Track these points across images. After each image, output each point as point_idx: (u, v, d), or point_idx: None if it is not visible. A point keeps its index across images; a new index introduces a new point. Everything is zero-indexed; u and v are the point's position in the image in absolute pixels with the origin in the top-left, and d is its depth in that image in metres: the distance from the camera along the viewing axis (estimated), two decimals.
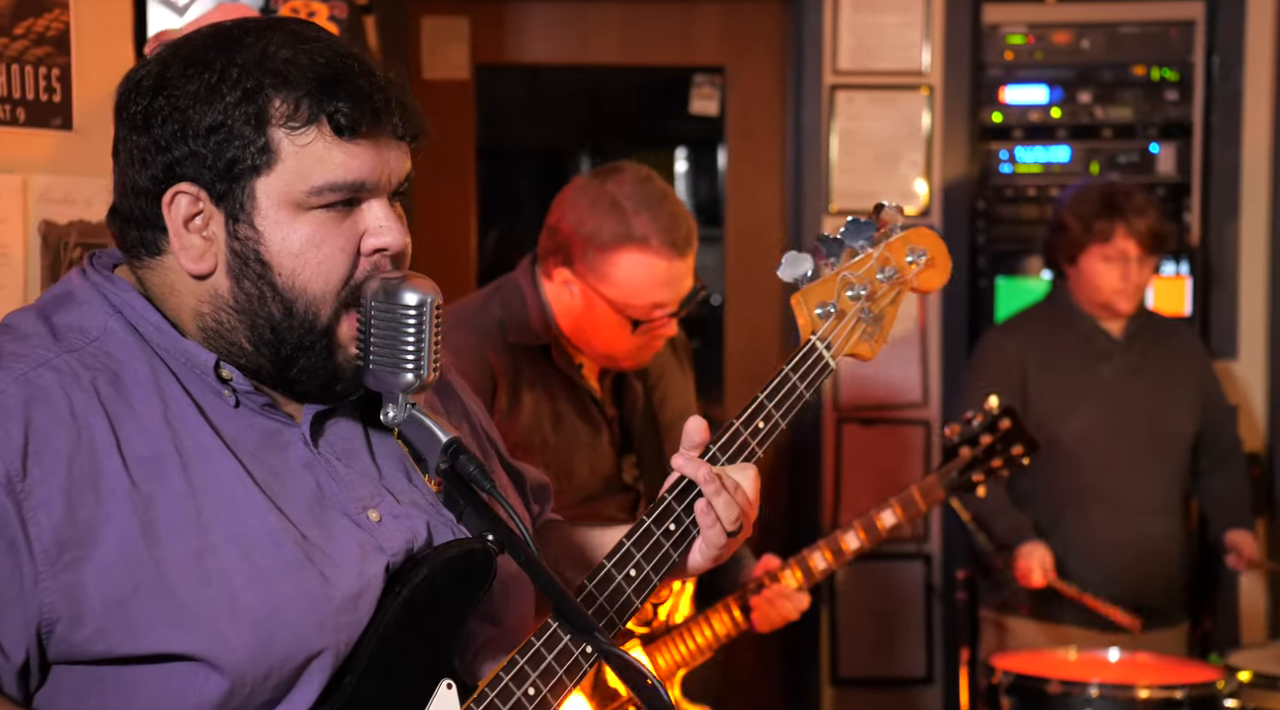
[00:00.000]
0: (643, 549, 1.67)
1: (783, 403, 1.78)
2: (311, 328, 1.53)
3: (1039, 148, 4.65)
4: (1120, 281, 3.79)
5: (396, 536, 1.56)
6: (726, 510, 1.68)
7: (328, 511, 1.54)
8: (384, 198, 1.55)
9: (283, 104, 1.50)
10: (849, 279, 1.83)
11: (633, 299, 2.65)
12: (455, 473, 1.55)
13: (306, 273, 1.52)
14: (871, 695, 4.61)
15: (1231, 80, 4.58)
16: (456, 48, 4.58)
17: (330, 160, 1.51)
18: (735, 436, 1.74)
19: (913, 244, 1.86)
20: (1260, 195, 4.59)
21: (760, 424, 1.75)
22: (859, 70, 4.55)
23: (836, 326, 1.82)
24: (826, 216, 4.57)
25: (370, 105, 1.52)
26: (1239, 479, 4.05)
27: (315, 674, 1.49)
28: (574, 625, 1.48)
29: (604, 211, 2.65)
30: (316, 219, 1.52)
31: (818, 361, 1.81)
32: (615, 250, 2.64)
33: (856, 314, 1.83)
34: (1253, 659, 3.58)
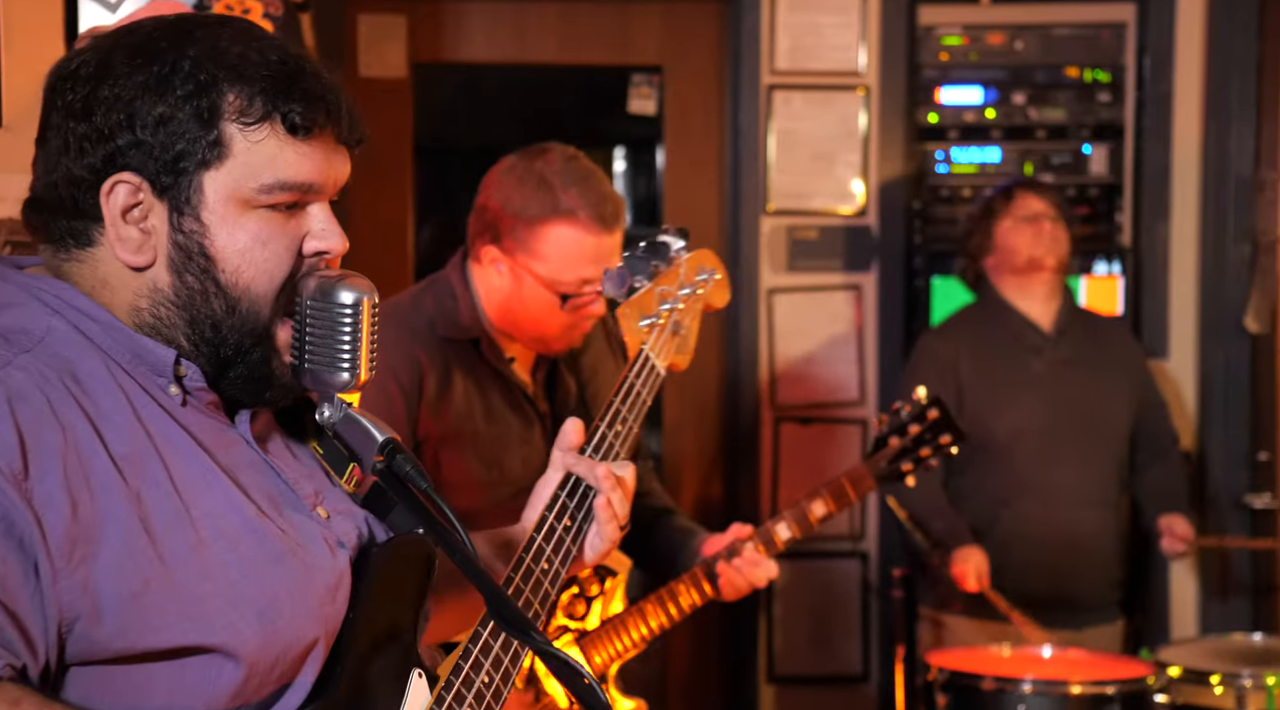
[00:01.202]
0: (551, 543, 1.79)
1: (633, 408, 1.93)
2: (252, 328, 1.52)
3: (974, 148, 4.69)
4: (1034, 235, 3.88)
5: (348, 532, 1.57)
6: (622, 506, 1.83)
7: (286, 508, 1.54)
8: (325, 202, 1.55)
9: (236, 99, 1.49)
10: (664, 293, 1.98)
11: (561, 274, 2.64)
12: (391, 471, 1.55)
13: (251, 271, 1.51)
14: (808, 693, 4.63)
15: (1162, 82, 4.64)
16: (394, 46, 4.56)
17: (282, 159, 1.50)
18: (603, 439, 1.89)
19: (701, 263, 2.02)
20: (1190, 196, 4.65)
21: (619, 428, 1.90)
22: (796, 71, 4.57)
23: (660, 338, 1.98)
24: (764, 216, 4.59)
25: (323, 107, 1.52)
26: (1176, 471, 4.10)
27: (311, 664, 1.50)
28: (510, 625, 1.48)
29: (531, 188, 2.66)
30: (263, 217, 1.51)
31: (652, 370, 1.96)
32: (543, 225, 2.64)
33: (671, 327, 1.98)
34: (1182, 654, 3.63)
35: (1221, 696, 3.43)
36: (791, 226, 4.60)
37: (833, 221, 4.61)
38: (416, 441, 2.68)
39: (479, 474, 2.71)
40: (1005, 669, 3.41)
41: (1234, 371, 4.59)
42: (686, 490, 4.69)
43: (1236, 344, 4.58)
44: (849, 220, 4.61)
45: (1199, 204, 4.64)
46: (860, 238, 4.61)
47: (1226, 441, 4.58)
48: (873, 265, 4.61)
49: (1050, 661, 3.50)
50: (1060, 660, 3.50)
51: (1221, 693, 3.43)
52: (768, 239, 4.60)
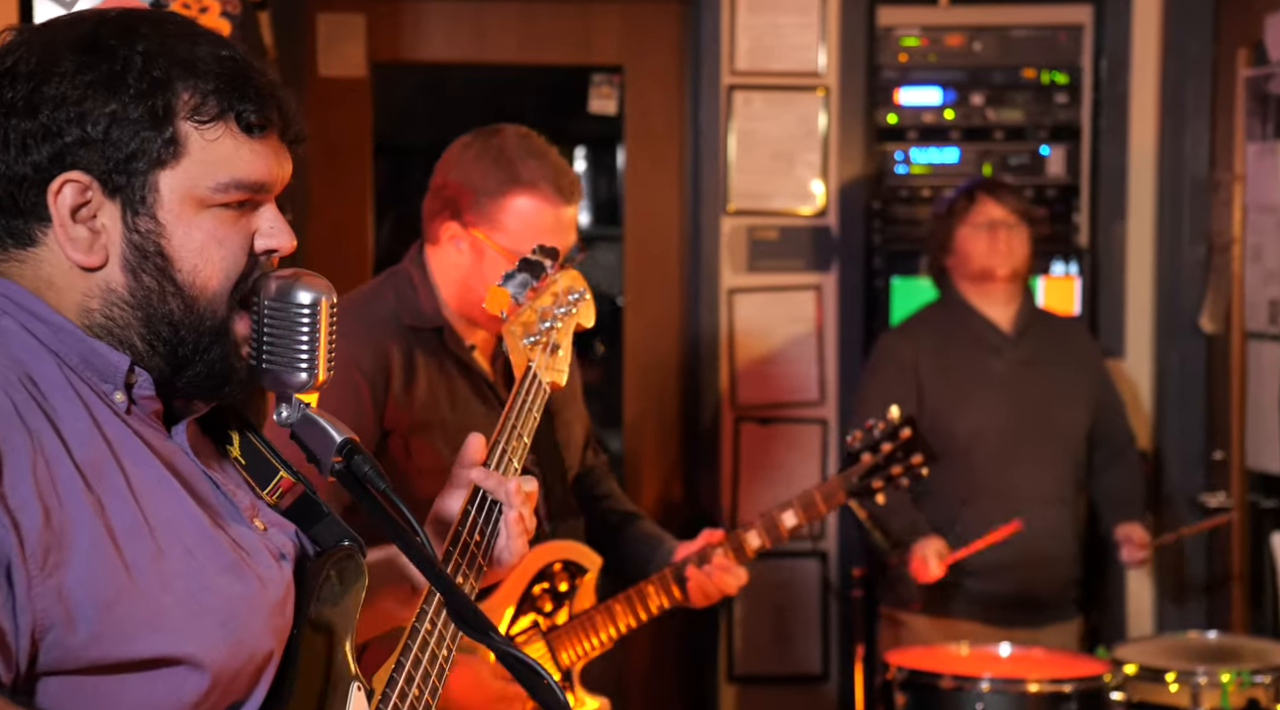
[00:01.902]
0: (465, 558, 1.80)
1: (525, 423, 1.98)
2: (210, 326, 1.51)
3: (933, 149, 4.71)
4: (989, 243, 3.89)
5: (286, 544, 1.56)
6: (531, 520, 1.87)
7: (229, 520, 1.53)
8: (272, 201, 1.55)
9: (190, 97, 1.48)
10: (544, 312, 2.05)
11: (522, 244, 2.62)
12: (350, 472, 1.54)
13: (208, 269, 1.50)
14: (768, 692, 4.64)
15: (1118, 83, 4.67)
16: (352, 45, 4.54)
17: (238, 157, 1.50)
18: (502, 453, 1.93)
19: (571, 284, 2.10)
20: (1146, 196, 4.68)
21: (515, 443, 1.94)
22: (756, 71, 4.58)
23: (543, 356, 2.04)
24: (724, 216, 4.60)
25: (273, 105, 1.52)
26: (1133, 474, 4.13)
27: (265, 678, 1.49)
28: (470, 625, 1.48)
29: (490, 162, 2.69)
30: (217, 216, 1.50)
31: (539, 387, 2.01)
32: (504, 196, 2.67)
33: (551, 346, 2.04)
34: (1138, 652, 3.66)
35: (1177, 694, 3.45)
36: (752, 226, 4.61)
37: (793, 222, 4.62)
38: (385, 430, 2.68)
39: (448, 460, 2.70)
40: (963, 668, 3.43)
41: (1189, 371, 4.63)
42: (647, 490, 4.70)
43: (1192, 344, 4.62)
44: (809, 220, 4.62)
45: (1155, 205, 4.68)
46: (820, 238, 4.63)
47: (1182, 441, 4.61)
48: (833, 265, 4.62)
49: (1008, 660, 3.52)
50: (1019, 658, 3.52)
51: (1177, 690, 3.45)
52: (728, 239, 4.61)
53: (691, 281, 4.66)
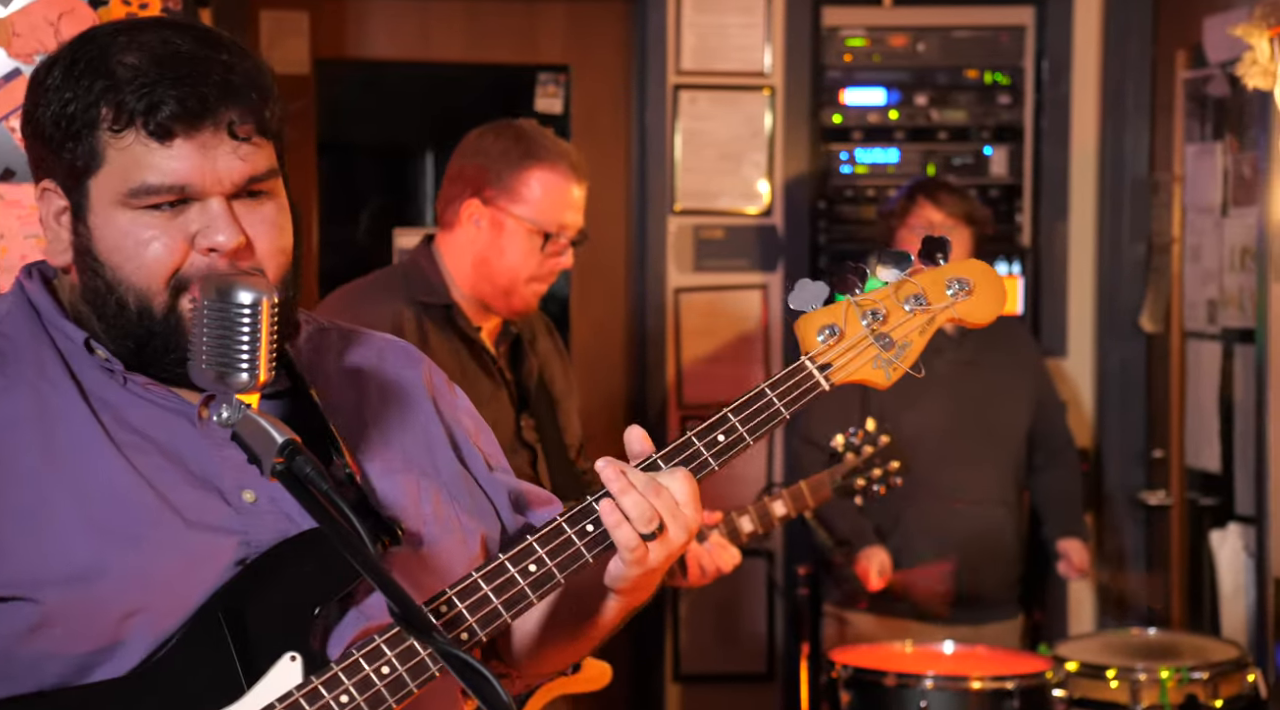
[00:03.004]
0: (548, 546, 1.62)
1: (752, 418, 1.69)
2: (150, 317, 1.57)
3: (878, 149, 4.74)
4: None
5: (266, 520, 1.58)
6: (636, 509, 1.60)
7: (199, 485, 1.58)
8: (220, 197, 1.56)
9: (107, 109, 1.55)
10: (865, 303, 1.78)
11: (542, 214, 2.88)
12: (291, 473, 1.53)
13: (129, 267, 1.57)
14: (714, 691, 4.65)
15: (1060, 85, 4.71)
16: (296, 42, 4.51)
17: (148, 162, 1.55)
18: (686, 446, 1.67)
19: (952, 275, 1.82)
20: (1088, 197, 4.73)
21: (720, 437, 1.68)
22: (702, 70, 4.59)
23: (836, 349, 1.76)
24: (671, 215, 4.60)
25: (189, 107, 1.54)
26: (1072, 476, 4.17)
27: (139, 631, 1.53)
28: (411, 626, 1.47)
29: (510, 141, 2.91)
30: (144, 218, 1.57)
31: (805, 381, 1.74)
32: (525, 169, 2.88)
33: (864, 338, 1.77)
34: (1080, 649, 3.69)
35: (1117, 690, 3.49)
36: (698, 226, 4.62)
37: (739, 221, 4.63)
38: None
39: None
40: (907, 665, 3.45)
41: (1130, 370, 4.67)
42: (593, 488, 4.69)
43: (1132, 343, 4.67)
44: (755, 220, 4.64)
45: (1096, 205, 4.72)
46: (766, 237, 4.64)
47: (1122, 439, 4.66)
48: (778, 265, 4.63)
49: (951, 658, 3.55)
50: (962, 656, 3.55)
51: (1117, 686, 3.49)
52: (674, 238, 4.61)
53: (637, 281, 4.66)
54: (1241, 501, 4.12)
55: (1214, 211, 4.27)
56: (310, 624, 1.58)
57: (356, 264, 4.97)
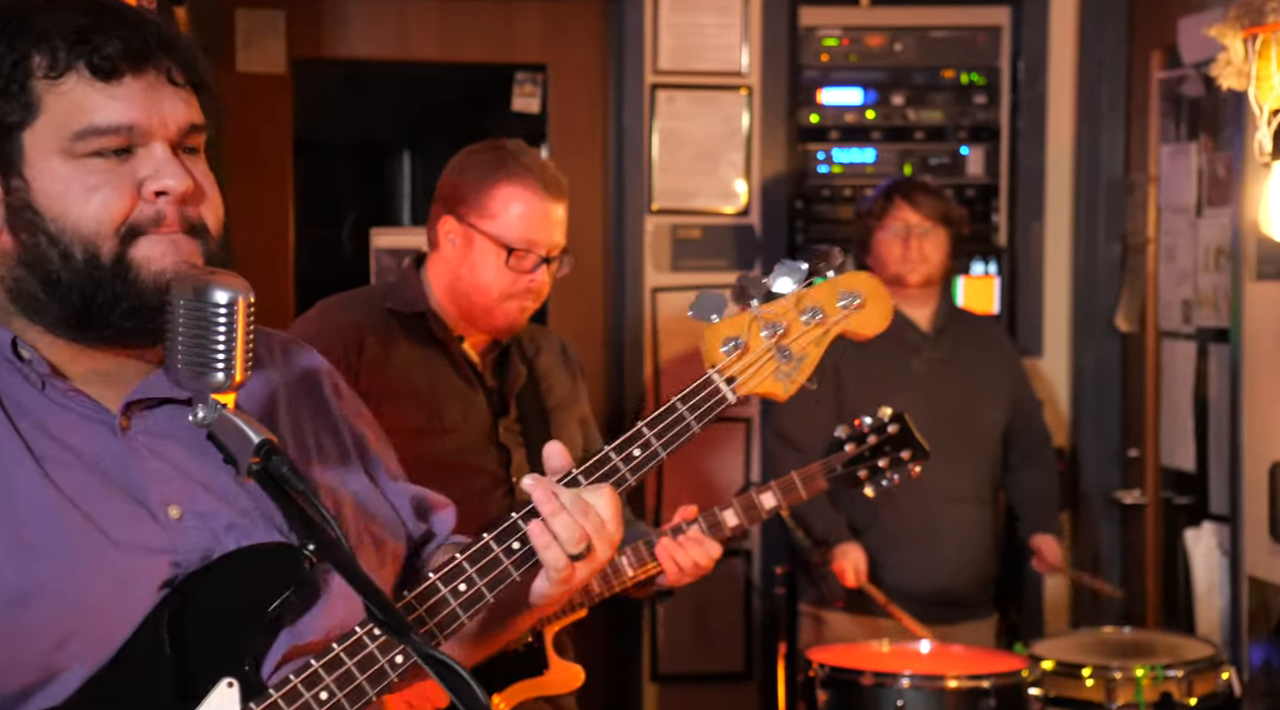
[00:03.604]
0: (476, 564, 1.62)
1: (665, 432, 1.73)
2: (97, 266, 1.53)
3: (855, 149, 4.74)
4: (903, 250, 3.93)
5: (193, 536, 1.55)
6: (566, 530, 1.61)
7: (124, 501, 1.54)
8: (164, 143, 1.55)
9: (41, 59, 1.52)
10: (762, 317, 1.82)
11: (508, 231, 2.87)
12: (268, 473, 1.52)
13: (74, 214, 1.53)
14: (691, 691, 4.65)
15: (1036, 85, 4.73)
16: (272, 41, 4.50)
17: (90, 104, 1.52)
18: (604, 461, 1.69)
19: (844, 287, 1.85)
20: (1063, 197, 4.74)
21: (635, 452, 1.71)
22: (679, 70, 4.59)
23: (740, 361, 1.80)
24: (648, 215, 4.60)
25: (131, 47, 1.52)
26: (1048, 475, 4.18)
27: (73, 660, 1.49)
28: (390, 628, 1.46)
29: (485, 158, 2.93)
30: (88, 165, 1.53)
31: (713, 394, 1.78)
32: (494, 185, 2.88)
33: (767, 351, 1.81)
34: (1055, 648, 3.70)
35: (1092, 689, 3.50)
36: (675, 225, 4.62)
37: (716, 221, 4.63)
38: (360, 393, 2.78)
39: (420, 422, 2.87)
40: (884, 664, 3.46)
41: (1105, 370, 4.69)
42: None
43: (1108, 343, 4.68)
44: (732, 219, 4.64)
45: (1072, 205, 4.74)
46: (743, 237, 4.64)
47: (1098, 438, 4.67)
48: (756, 264, 4.64)
49: (928, 656, 3.55)
50: (938, 655, 3.56)
51: (1093, 685, 3.50)
52: (651, 238, 4.61)
53: (615, 280, 4.66)
54: (1216, 500, 4.14)
55: (1189, 212, 4.29)
56: (245, 648, 1.55)
57: (333, 263, 4.98)
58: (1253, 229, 3.64)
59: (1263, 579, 3.77)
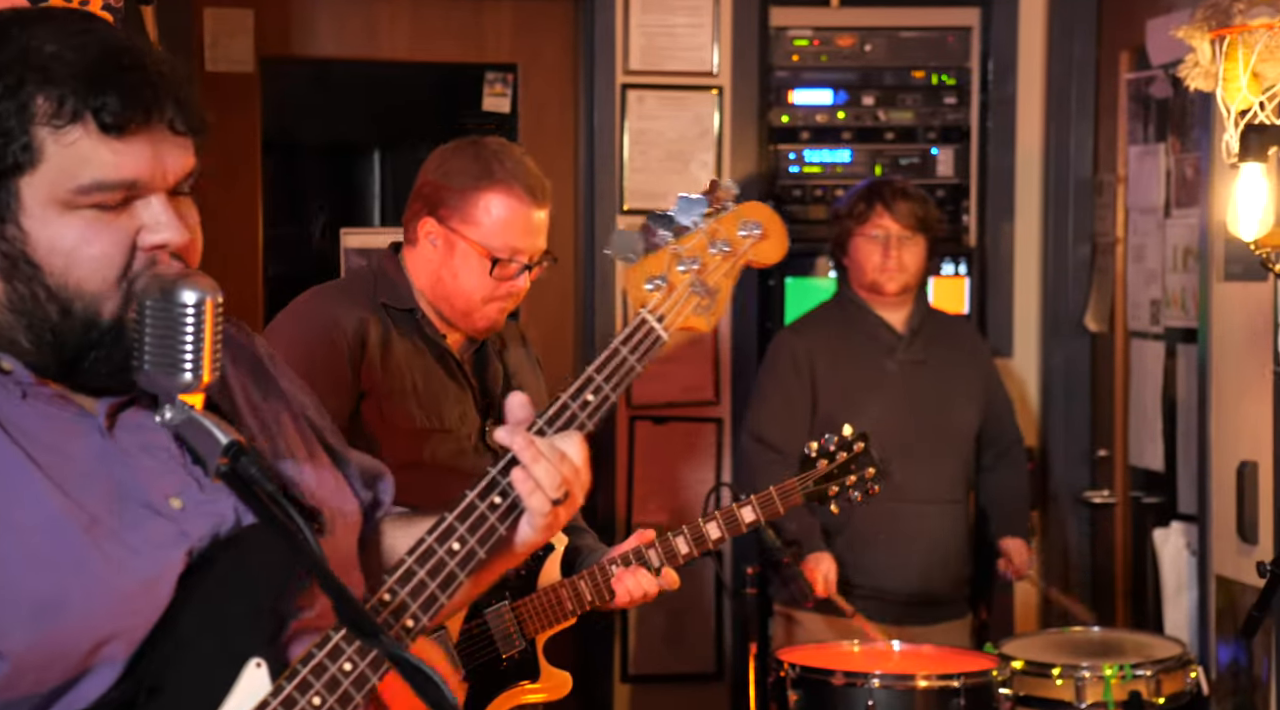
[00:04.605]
0: (466, 522, 1.65)
1: (612, 375, 1.79)
2: (95, 324, 1.51)
3: (825, 149, 4.75)
4: (882, 258, 3.93)
5: (199, 521, 1.55)
6: (547, 477, 1.67)
7: (126, 502, 1.53)
8: (162, 194, 1.53)
9: (46, 102, 1.47)
10: (679, 253, 1.85)
11: (492, 239, 2.84)
12: (236, 474, 1.52)
13: (80, 271, 1.50)
14: (662, 691, 4.65)
15: (1005, 85, 4.74)
16: (241, 40, 4.47)
17: (97, 158, 1.49)
18: (563, 410, 1.75)
19: (745, 217, 1.89)
20: (1033, 197, 4.76)
21: (589, 397, 1.77)
22: (650, 70, 4.58)
23: (667, 300, 1.83)
24: (619, 215, 4.60)
25: (140, 100, 1.49)
26: (1019, 475, 4.19)
27: (109, 659, 1.48)
28: (357, 630, 1.46)
29: (468, 161, 2.88)
30: (87, 217, 1.50)
31: (649, 334, 1.82)
32: (478, 191, 2.85)
33: (688, 287, 1.84)
34: (1025, 648, 3.71)
35: (1062, 688, 3.51)
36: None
37: None
38: (362, 391, 2.83)
39: (420, 421, 2.86)
40: (855, 664, 3.46)
41: (1074, 370, 4.71)
42: None
43: (1077, 343, 4.70)
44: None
45: (1041, 205, 4.76)
46: None
47: (1067, 438, 4.69)
48: None
49: (899, 656, 3.56)
50: (909, 655, 3.56)
51: (1062, 684, 3.51)
52: None
53: (586, 280, 4.65)
54: (1184, 500, 4.16)
55: (1157, 212, 4.31)
56: (264, 626, 1.56)
57: (302, 263, 4.96)
58: (1220, 230, 3.66)
59: (1230, 578, 3.79)
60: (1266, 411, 3.62)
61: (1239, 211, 3.22)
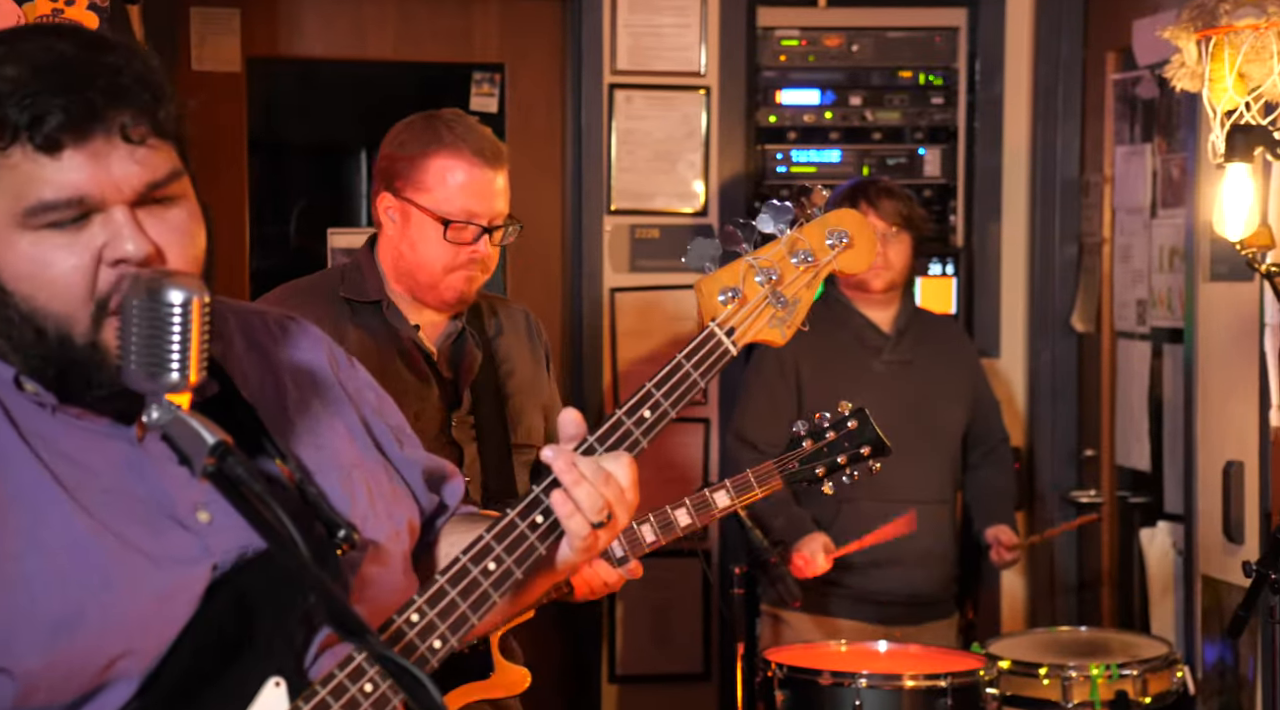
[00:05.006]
0: (504, 542, 1.61)
1: (673, 390, 1.73)
2: (70, 345, 1.49)
3: (813, 149, 4.75)
4: None
5: (226, 537, 1.54)
6: (589, 499, 1.62)
7: (152, 514, 1.52)
8: (123, 206, 1.50)
9: None
10: (755, 264, 1.79)
11: (443, 204, 2.82)
12: (223, 474, 1.51)
13: (45, 293, 1.48)
14: (650, 692, 4.65)
15: (993, 85, 4.75)
16: (227, 40, 4.47)
17: (40, 178, 1.46)
18: (617, 426, 1.69)
19: (831, 226, 1.84)
20: (1020, 197, 4.76)
21: (646, 413, 1.71)
22: (637, 70, 4.58)
23: (739, 311, 1.78)
24: (607, 215, 4.60)
25: (74, 115, 1.46)
26: (1005, 474, 4.19)
27: (125, 674, 1.48)
28: (344, 629, 1.46)
29: (419, 130, 2.87)
30: (44, 238, 1.48)
31: (716, 347, 1.76)
32: (426, 157, 2.83)
33: (763, 299, 1.78)
34: (1012, 647, 3.72)
35: (1048, 687, 3.52)
36: (634, 226, 4.62)
37: (674, 221, 4.63)
38: None
39: None
40: (842, 664, 3.46)
41: (1061, 370, 4.72)
42: None
43: (1064, 343, 4.71)
44: (690, 219, 4.64)
45: (1028, 206, 4.76)
46: (702, 237, 4.64)
47: (1054, 438, 4.70)
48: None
49: (885, 656, 3.56)
50: (896, 655, 3.56)
51: (1048, 684, 3.52)
52: (610, 238, 4.61)
53: (574, 280, 4.65)
54: (1170, 500, 4.17)
55: (1143, 212, 4.32)
56: (286, 644, 1.55)
57: (289, 264, 4.95)
58: (1206, 230, 3.67)
59: (1216, 578, 3.80)
60: (1252, 411, 3.63)
61: (1225, 212, 3.23)
